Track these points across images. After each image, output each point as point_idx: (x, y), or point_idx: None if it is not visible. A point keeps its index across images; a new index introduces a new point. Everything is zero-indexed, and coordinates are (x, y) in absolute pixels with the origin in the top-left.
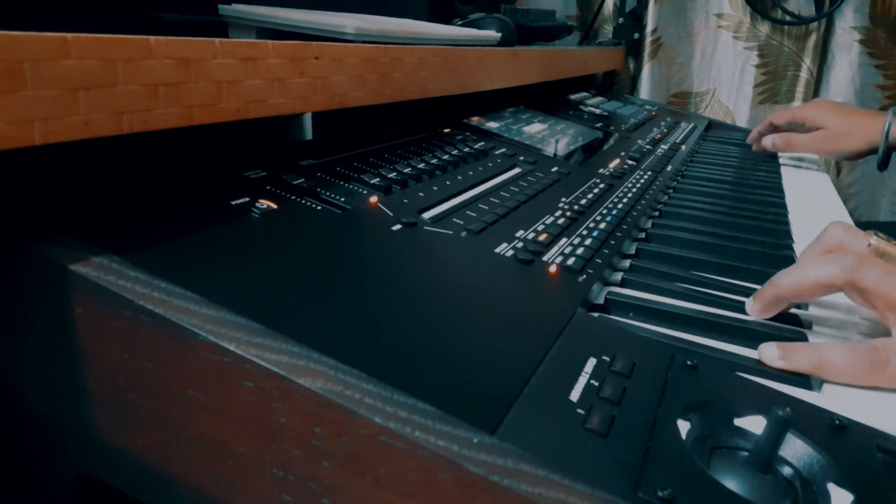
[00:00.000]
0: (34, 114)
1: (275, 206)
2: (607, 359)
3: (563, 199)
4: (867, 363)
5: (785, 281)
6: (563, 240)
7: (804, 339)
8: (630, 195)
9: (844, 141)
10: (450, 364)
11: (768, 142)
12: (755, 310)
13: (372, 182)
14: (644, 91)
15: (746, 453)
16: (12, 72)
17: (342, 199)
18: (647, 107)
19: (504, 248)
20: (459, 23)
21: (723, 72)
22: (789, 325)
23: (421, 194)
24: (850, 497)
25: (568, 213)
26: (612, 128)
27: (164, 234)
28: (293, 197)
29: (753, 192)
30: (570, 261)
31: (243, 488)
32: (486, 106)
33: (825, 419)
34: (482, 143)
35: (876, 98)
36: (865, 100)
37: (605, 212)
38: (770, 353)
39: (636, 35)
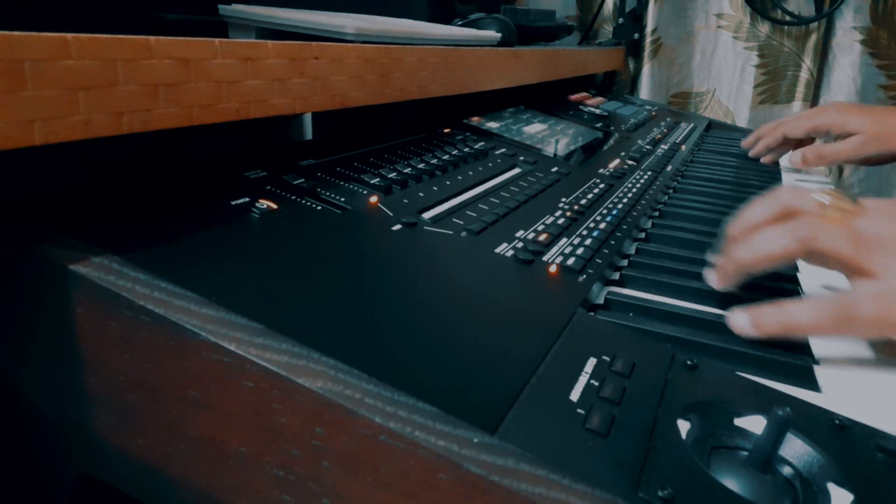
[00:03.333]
0: (34, 114)
1: (275, 206)
2: (607, 359)
3: (563, 199)
4: (834, 318)
5: (743, 255)
6: (563, 240)
7: (804, 341)
8: (630, 195)
9: (884, 143)
10: (450, 364)
11: (796, 159)
12: (715, 283)
13: (372, 182)
14: (644, 91)
15: (746, 453)
16: (12, 72)
17: (342, 199)
18: (647, 107)
19: (504, 248)
20: (459, 23)
21: (723, 72)
22: None
23: (421, 194)
24: (850, 497)
25: (568, 213)
26: (612, 128)
27: (164, 234)
28: (293, 197)
29: (753, 192)
30: (570, 261)
31: (243, 488)
32: (486, 106)
33: (825, 419)
34: (482, 143)
35: (879, 98)
36: (868, 100)
37: (605, 212)
38: (740, 321)
39: (636, 35)
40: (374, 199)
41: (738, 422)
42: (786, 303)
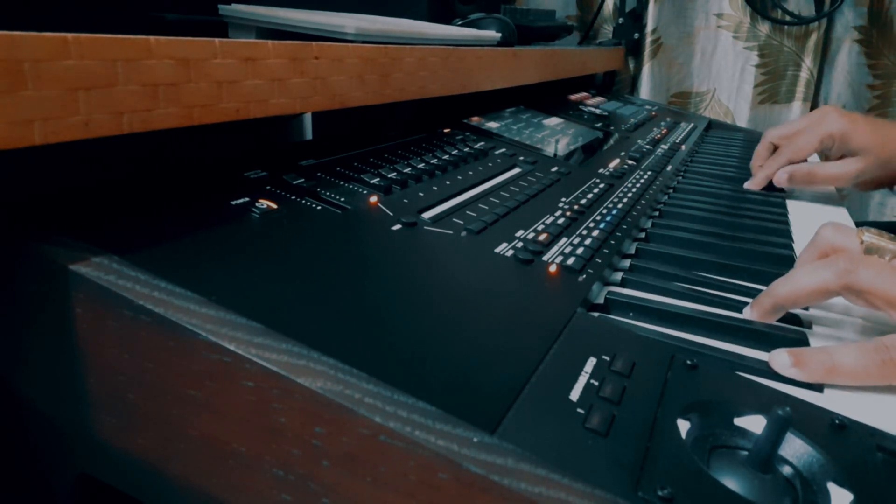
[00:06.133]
0: (34, 114)
1: (275, 206)
2: (607, 358)
3: (563, 199)
4: (878, 362)
5: (781, 290)
6: (563, 239)
7: (804, 338)
8: (630, 195)
9: (886, 168)
10: (450, 364)
11: (783, 178)
12: (753, 318)
13: (372, 182)
14: (644, 91)
15: (746, 453)
16: (12, 72)
17: (342, 199)
18: (647, 107)
19: (504, 248)
20: (459, 23)
21: (723, 72)
22: (789, 325)
23: (421, 194)
24: (849, 496)
25: (568, 213)
26: (612, 128)
27: (164, 234)
28: (293, 197)
29: (753, 191)
30: (570, 260)
31: (243, 488)
32: (486, 106)
33: (825, 419)
34: (482, 143)
35: (866, 98)
36: (860, 100)
37: (605, 212)
38: (781, 360)
39: (636, 35)
40: (374, 198)
41: (738, 421)
42: (830, 347)
